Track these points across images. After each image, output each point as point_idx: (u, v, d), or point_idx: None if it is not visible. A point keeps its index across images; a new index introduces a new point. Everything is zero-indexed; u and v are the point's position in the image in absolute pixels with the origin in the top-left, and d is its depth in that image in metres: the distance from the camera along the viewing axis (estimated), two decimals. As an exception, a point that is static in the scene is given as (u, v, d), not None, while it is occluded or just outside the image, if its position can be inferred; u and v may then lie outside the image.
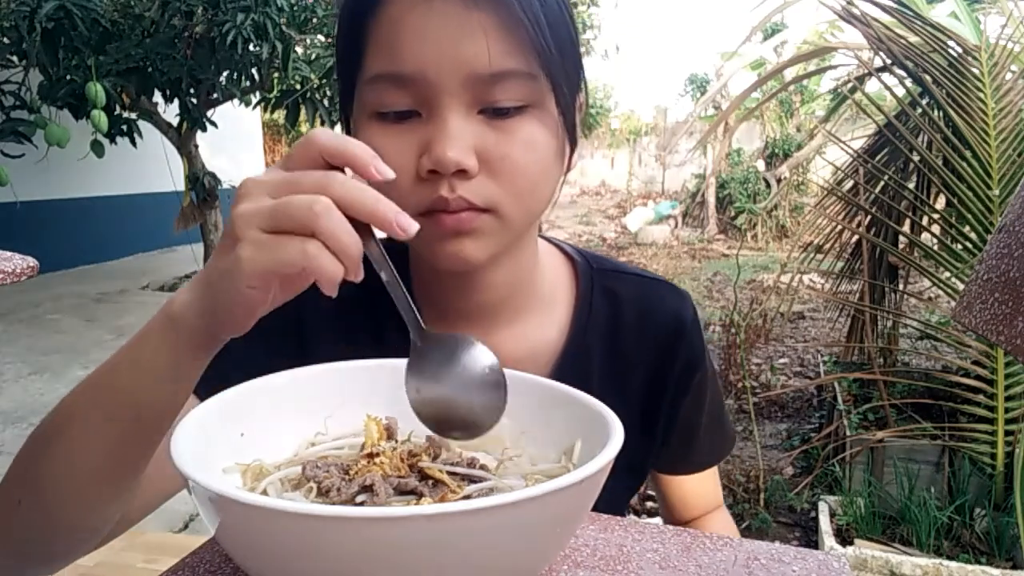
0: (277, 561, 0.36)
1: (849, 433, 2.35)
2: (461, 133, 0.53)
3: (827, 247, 2.99)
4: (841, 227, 2.90)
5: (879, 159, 2.74)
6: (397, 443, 0.52)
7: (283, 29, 4.05)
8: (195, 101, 4.91)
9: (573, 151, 0.62)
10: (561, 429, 0.51)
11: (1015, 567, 1.93)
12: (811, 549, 0.55)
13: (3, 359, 4.04)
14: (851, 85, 3.33)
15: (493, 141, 0.54)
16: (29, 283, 1.47)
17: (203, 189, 5.62)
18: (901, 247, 2.77)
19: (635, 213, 10.51)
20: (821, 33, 7.35)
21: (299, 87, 4.68)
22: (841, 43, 3.56)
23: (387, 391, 0.56)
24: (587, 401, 0.50)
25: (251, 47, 4.17)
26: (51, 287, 6.11)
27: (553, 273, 0.72)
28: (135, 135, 4.79)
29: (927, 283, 2.87)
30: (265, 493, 0.46)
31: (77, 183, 7.31)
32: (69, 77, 4.05)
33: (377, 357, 0.59)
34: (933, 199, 2.54)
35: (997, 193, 2.15)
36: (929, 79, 2.31)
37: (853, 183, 2.74)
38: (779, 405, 3.43)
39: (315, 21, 4.55)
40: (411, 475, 0.47)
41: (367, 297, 0.67)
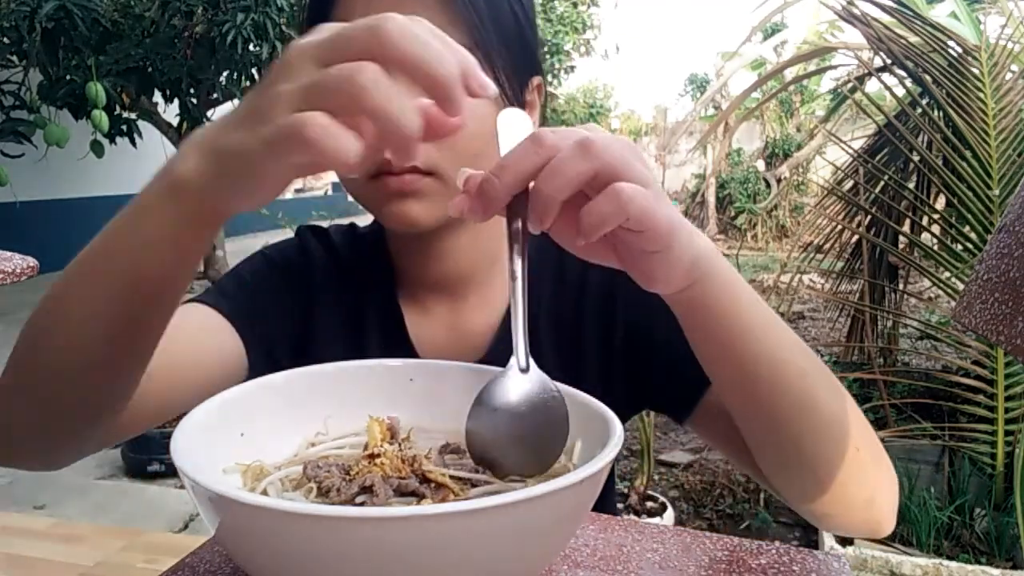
0: (277, 561, 0.36)
1: (849, 433, 2.34)
2: None
3: (827, 247, 2.99)
4: (841, 227, 2.90)
5: (879, 159, 2.74)
6: (399, 444, 0.52)
7: (283, 29, 4.05)
8: (195, 101, 4.91)
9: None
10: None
11: (1015, 567, 1.93)
12: (811, 549, 0.55)
13: (3, 359, 4.04)
14: (851, 85, 3.33)
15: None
16: (29, 283, 1.46)
17: (203, 189, 5.62)
18: (901, 247, 2.77)
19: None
20: (821, 33, 7.35)
21: (299, 87, 4.67)
22: (841, 43, 3.57)
23: (387, 391, 0.56)
24: (587, 401, 0.50)
25: (251, 47, 4.17)
26: (51, 287, 6.12)
27: None
28: (135, 135, 4.79)
29: (927, 283, 2.87)
30: (265, 493, 0.46)
31: (77, 183, 7.32)
32: (69, 77, 4.05)
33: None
34: (933, 199, 2.54)
35: (997, 193, 2.15)
36: (929, 79, 2.31)
37: (853, 183, 2.74)
38: (779, 405, 3.42)
39: (315, 21, 4.55)
40: (412, 477, 0.47)
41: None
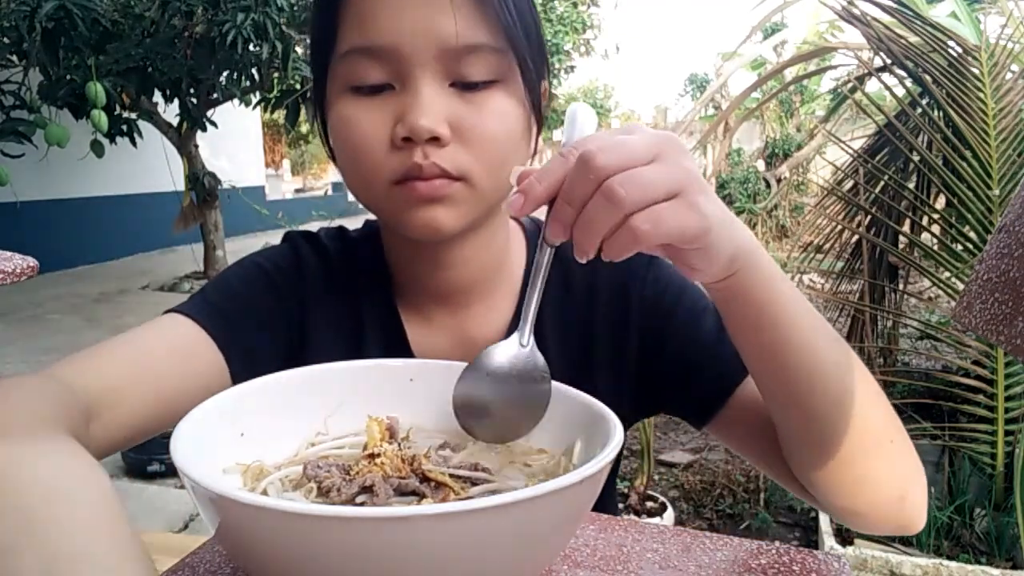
0: (277, 561, 0.36)
1: (849, 433, 2.34)
2: (434, 102, 0.55)
3: (827, 247, 2.98)
4: (841, 227, 2.90)
5: (879, 159, 2.74)
6: (399, 444, 0.52)
7: (283, 29, 4.05)
8: (195, 101, 4.91)
9: (539, 133, 0.65)
10: (561, 428, 0.51)
11: (1015, 567, 1.93)
12: (811, 549, 0.55)
13: (3, 359, 4.04)
14: (851, 85, 3.33)
15: (465, 112, 0.57)
16: (29, 283, 1.47)
17: (203, 189, 5.63)
18: (901, 247, 2.77)
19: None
20: (821, 33, 7.36)
21: (299, 87, 4.68)
22: (841, 43, 3.57)
23: (387, 391, 0.56)
24: (587, 401, 0.50)
25: (251, 47, 4.17)
26: (51, 287, 6.12)
27: (518, 250, 0.72)
28: (135, 135, 4.79)
29: (927, 283, 2.87)
30: (265, 493, 0.46)
31: (77, 183, 7.32)
32: (69, 77, 4.05)
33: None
34: (933, 199, 2.54)
35: (997, 193, 2.15)
36: (929, 79, 2.31)
37: (853, 183, 2.74)
38: (779, 405, 3.42)
39: (315, 21, 4.55)
40: (412, 476, 0.47)
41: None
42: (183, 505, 2.45)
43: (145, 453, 2.73)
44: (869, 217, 2.75)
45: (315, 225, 0.81)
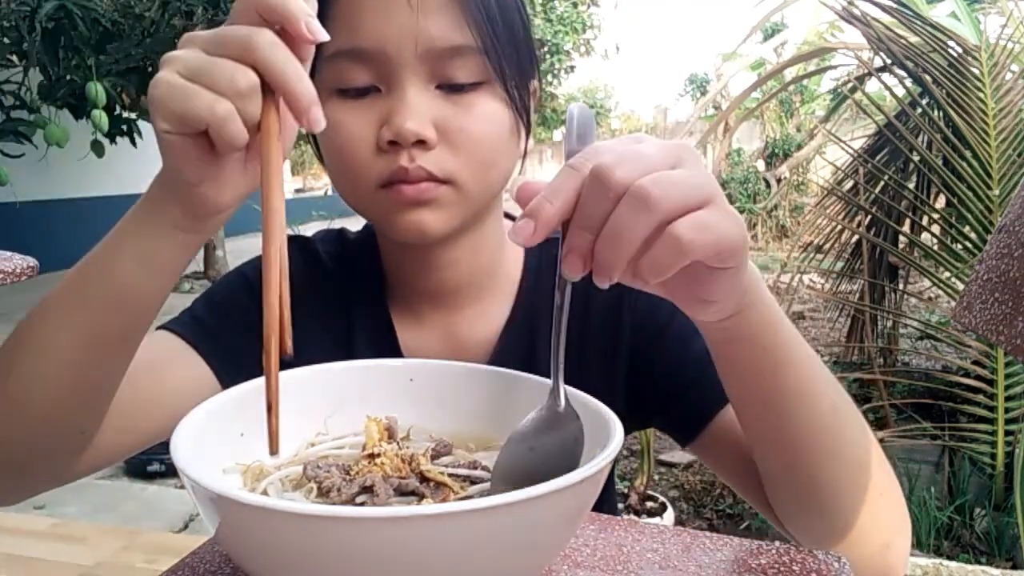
0: (277, 561, 0.36)
1: (849, 433, 2.34)
2: (420, 105, 0.55)
3: (827, 247, 2.99)
4: (841, 227, 2.90)
5: (879, 159, 2.74)
6: (398, 444, 0.52)
7: (283, 29, 4.04)
8: (195, 101, 4.91)
9: (528, 134, 0.64)
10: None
11: (1015, 567, 1.93)
12: (811, 549, 0.55)
13: (3, 359, 4.03)
14: (851, 85, 3.33)
15: (451, 114, 0.56)
16: (29, 283, 1.46)
17: (203, 189, 5.63)
18: (901, 247, 2.77)
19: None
20: (821, 33, 7.35)
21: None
22: (841, 43, 3.57)
23: (387, 391, 0.56)
24: (587, 401, 0.50)
25: (251, 47, 4.16)
26: (51, 287, 6.11)
27: (513, 253, 0.71)
28: (135, 135, 4.79)
29: (927, 283, 2.87)
30: (265, 493, 0.46)
31: (77, 183, 7.32)
32: (69, 77, 4.05)
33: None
34: (933, 199, 2.54)
35: (997, 193, 2.15)
36: (929, 79, 2.31)
37: (853, 183, 2.74)
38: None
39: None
40: (412, 476, 0.47)
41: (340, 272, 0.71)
42: (183, 505, 2.45)
43: (145, 453, 2.71)
44: (869, 217, 2.75)
45: (315, 225, 0.80)
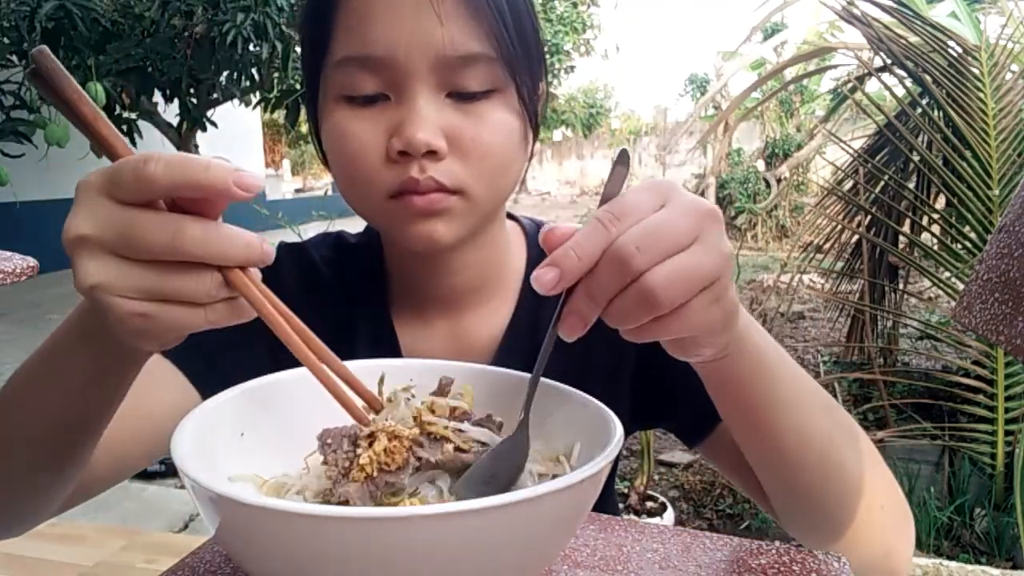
0: (277, 561, 0.36)
1: (849, 433, 2.34)
2: (430, 115, 0.54)
3: (827, 247, 2.99)
4: (841, 227, 2.90)
5: (879, 159, 2.74)
6: (409, 397, 0.51)
7: (283, 29, 4.05)
8: (195, 101, 4.91)
9: (535, 138, 0.63)
10: (561, 429, 0.51)
11: (1015, 567, 1.93)
12: (811, 549, 0.55)
13: (3, 359, 4.04)
14: (851, 85, 3.33)
15: (462, 123, 0.56)
16: (29, 283, 1.47)
17: (203, 189, 5.62)
18: (901, 247, 2.77)
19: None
20: (821, 33, 7.34)
21: (299, 87, 4.69)
22: (841, 43, 3.57)
23: (387, 390, 0.56)
24: (587, 402, 0.50)
25: (251, 47, 4.17)
26: (51, 287, 6.11)
27: (517, 256, 0.71)
28: (135, 135, 4.79)
29: (927, 283, 2.87)
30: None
31: (77, 183, 7.31)
32: (69, 77, 4.05)
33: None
34: (933, 199, 2.54)
35: (997, 193, 2.15)
36: (929, 79, 2.31)
37: (853, 183, 2.74)
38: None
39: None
40: (415, 449, 0.45)
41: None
42: (183, 505, 2.45)
43: (145, 453, 2.73)
44: (869, 217, 2.75)
45: (315, 225, 0.80)
